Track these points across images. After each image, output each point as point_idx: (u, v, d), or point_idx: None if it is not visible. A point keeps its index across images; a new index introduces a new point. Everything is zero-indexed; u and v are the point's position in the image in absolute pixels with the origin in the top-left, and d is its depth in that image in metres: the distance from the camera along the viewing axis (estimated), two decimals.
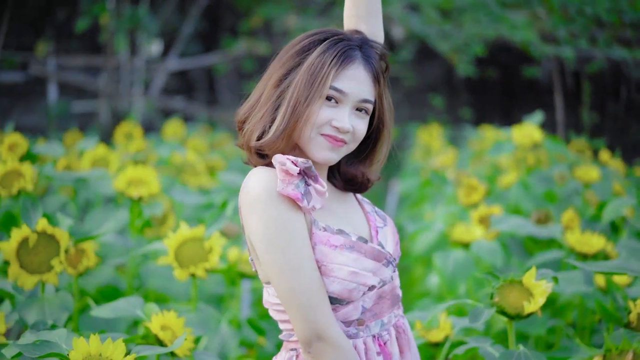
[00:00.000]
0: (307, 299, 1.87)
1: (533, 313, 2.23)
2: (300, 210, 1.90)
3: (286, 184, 1.87)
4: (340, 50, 1.98)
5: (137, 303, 2.55)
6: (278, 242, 1.87)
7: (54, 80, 11.21)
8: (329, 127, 1.96)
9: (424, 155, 7.03)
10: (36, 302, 2.72)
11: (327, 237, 1.92)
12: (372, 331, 1.98)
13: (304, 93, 1.94)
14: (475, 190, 4.14)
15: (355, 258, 1.92)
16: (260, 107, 2.00)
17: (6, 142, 4.34)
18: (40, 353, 1.94)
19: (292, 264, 1.87)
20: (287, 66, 1.99)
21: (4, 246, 2.71)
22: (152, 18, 10.77)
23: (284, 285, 1.88)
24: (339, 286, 1.90)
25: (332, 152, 1.98)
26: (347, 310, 1.94)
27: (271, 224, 1.87)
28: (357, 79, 1.98)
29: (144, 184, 3.77)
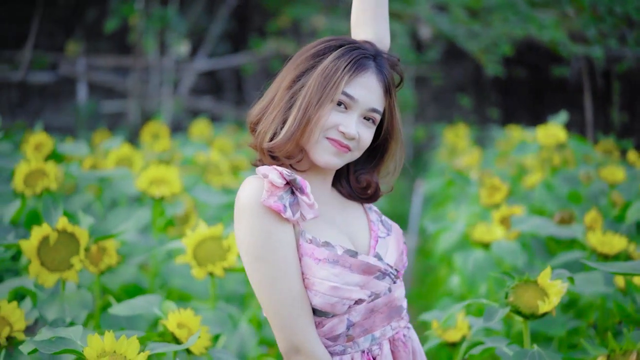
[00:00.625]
0: (287, 312, 1.87)
1: (548, 313, 2.22)
2: (287, 222, 1.90)
3: (269, 195, 1.87)
4: (355, 57, 1.98)
5: (154, 301, 2.57)
6: (260, 253, 1.88)
7: (83, 81, 11.31)
8: (336, 131, 1.97)
9: (450, 155, 7.01)
10: (56, 300, 2.75)
11: (312, 249, 1.91)
12: (360, 347, 1.96)
13: (316, 96, 1.94)
14: (497, 190, 4.12)
15: (337, 273, 1.90)
16: (272, 108, 2.01)
17: (32, 142, 4.39)
18: (55, 349, 1.96)
19: (273, 275, 1.87)
20: (301, 69, 2.00)
21: (25, 244, 2.75)
22: (180, 18, 10.83)
23: (265, 297, 1.89)
24: (321, 300, 1.89)
25: (336, 156, 1.98)
26: (333, 324, 1.93)
27: (255, 234, 1.88)
28: (369, 87, 1.99)
29: (166, 184, 3.80)
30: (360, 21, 2.20)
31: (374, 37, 2.17)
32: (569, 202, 4.44)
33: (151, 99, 11.36)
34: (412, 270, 7.05)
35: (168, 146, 5.74)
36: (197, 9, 11.61)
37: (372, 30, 2.18)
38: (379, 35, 2.20)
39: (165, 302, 2.58)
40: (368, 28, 2.19)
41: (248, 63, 11.61)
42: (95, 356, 1.94)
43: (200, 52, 11.72)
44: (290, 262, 1.88)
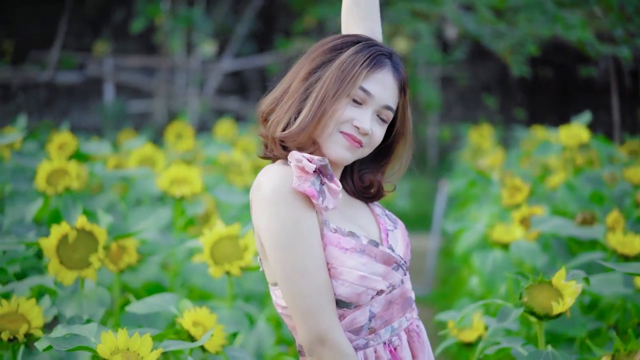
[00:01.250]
0: (312, 302, 1.85)
1: (562, 314, 2.21)
2: (313, 209, 1.89)
3: (302, 180, 1.86)
4: (373, 53, 1.98)
5: (171, 299, 2.59)
6: (288, 241, 1.86)
7: (110, 81, 11.40)
8: (350, 125, 1.96)
9: (474, 155, 7.00)
10: (75, 297, 2.78)
11: (338, 239, 1.91)
12: (382, 338, 1.96)
13: (332, 88, 1.94)
14: (519, 190, 4.11)
15: (365, 262, 1.90)
16: (287, 99, 2.00)
17: (56, 142, 4.44)
18: (69, 346, 1.98)
19: (300, 264, 1.86)
20: (318, 61, 1.99)
21: (44, 243, 2.78)
22: (206, 19, 10.88)
23: (290, 286, 1.87)
24: (348, 289, 1.88)
25: (348, 151, 1.97)
26: (355, 316, 1.93)
27: (282, 222, 1.86)
28: (385, 84, 1.98)
29: (187, 183, 3.82)
30: (352, 17, 2.19)
31: (369, 32, 2.16)
32: (591, 202, 4.41)
33: (177, 99, 11.42)
34: (435, 271, 7.03)
35: (191, 146, 5.76)
36: (223, 10, 11.66)
37: (365, 26, 2.18)
38: (374, 30, 2.19)
39: (182, 301, 2.59)
40: (361, 23, 2.18)
41: (273, 63, 11.63)
42: (109, 353, 1.96)
43: (226, 52, 11.77)
44: (317, 251, 1.87)
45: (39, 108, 11.59)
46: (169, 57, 11.31)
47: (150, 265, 3.96)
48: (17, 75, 11.11)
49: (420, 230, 8.48)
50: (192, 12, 10.52)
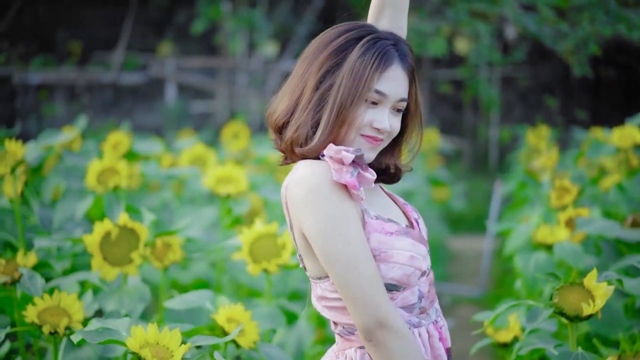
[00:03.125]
0: (370, 288, 1.87)
1: (593, 315, 2.20)
2: (352, 200, 1.91)
3: (342, 172, 1.88)
4: (380, 51, 1.97)
5: (206, 296, 2.64)
6: (337, 231, 1.88)
7: (172, 81, 11.57)
8: (370, 128, 1.97)
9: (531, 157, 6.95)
10: (116, 293, 2.86)
11: (381, 224, 1.94)
12: (431, 318, 2.01)
13: (348, 97, 1.94)
14: (567, 192, 4.06)
15: (411, 242, 1.94)
16: (301, 110, 2.00)
17: (110, 141, 4.54)
18: (101, 339, 2.04)
19: (352, 253, 1.88)
20: (326, 67, 1.98)
21: (88, 239, 2.85)
22: (267, 20, 10.97)
23: (345, 276, 1.88)
24: (399, 271, 1.92)
25: (371, 151, 2.00)
26: (405, 296, 1.96)
27: (327, 215, 1.88)
28: (396, 79, 1.98)
29: (232, 182, 3.88)
30: (380, 8, 2.17)
31: (393, 26, 2.14)
32: None
33: (238, 99, 11.55)
34: (490, 273, 6.99)
35: (244, 146, 5.83)
36: (284, 11, 11.75)
37: (392, 18, 2.14)
38: (399, 24, 2.16)
39: (218, 297, 2.64)
40: (389, 15, 2.14)
41: None
42: (138, 347, 2.02)
43: (286, 52, 11.85)
44: (363, 239, 1.90)
45: (104, 108, 11.83)
46: (230, 57, 11.44)
47: (199, 262, 4.03)
48: (82, 76, 11.36)
49: (477, 231, 8.44)
50: (253, 14, 10.63)
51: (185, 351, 2.04)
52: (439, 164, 9.36)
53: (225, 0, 11.03)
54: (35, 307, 2.55)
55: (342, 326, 2.02)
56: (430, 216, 7.25)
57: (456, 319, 5.84)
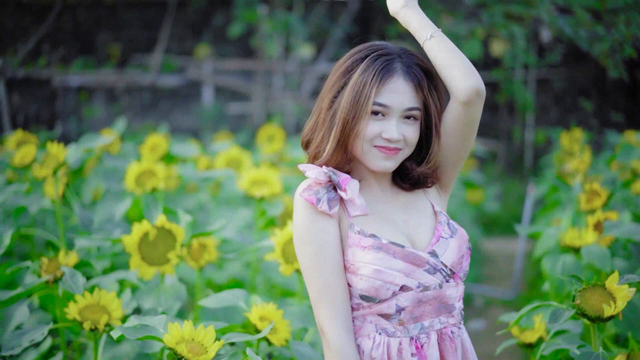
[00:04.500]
0: (316, 295, 2.07)
1: (614, 317, 2.26)
2: (326, 216, 2.07)
3: (305, 190, 2.08)
4: (379, 66, 2.09)
5: (240, 295, 2.73)
6: (303, 238, 2.08)
7: (209, 83, 11.71)
8: (380, 139, 2.09)
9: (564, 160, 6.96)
10: (154, 291, 2.97)
11: (359, 239, 2.07)
12: (410, 333, 2.08)
13: (350, 112, 2.08)
14: (597, 195, 4.09)
15: (380, 257, 2.05)
16: (319, 129, 2.16)
17: (148, 143, 4.66)
18: (139, 335, 2.15)
19: (309, 262, 2.07)
20: (336, 88, 2.14)
21: (127, 240, 2.97)
22: (303, 23, 11.08)
23: (304, 277, 2.11)
24: (366, 283, 2.04)
25: (387, 160, 2.11)
26: (381, 307, 2.07)
27: (300, 221, 2.09)
28: (398, 91, 2.09)
29: (266, 184, 3.98)
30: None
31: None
32: None
33: (274, 101, 11.66)
34: (523, 275, 7.02)
35: (278, 148, 5.93)
36: (320, 14, 11.84)
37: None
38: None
39: (251, 296, 2.74)
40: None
41: None
42: (174, 343, 2.12)
43: (322, 55, 11.94)
44: (325, 252, 2.06)
45: (142, 110, 12.01)
46: (266, 60, 11.56)
47: (234, 262, 4.13)
48: (121, 79, 11.54)
49: (510, 233, 8.46)
50: (290, 17, 10.74)
51: (219, 348, 2.14)
52: (473, 167, 9.40)
53: (261, 4, 11.15)
54: (77, 305, 2.67)
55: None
56: (464, 218, 7.29)
57: (488, 320, 5.89)
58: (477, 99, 2.11)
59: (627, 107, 10.68)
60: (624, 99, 10.81)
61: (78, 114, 11.73)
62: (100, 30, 12.37)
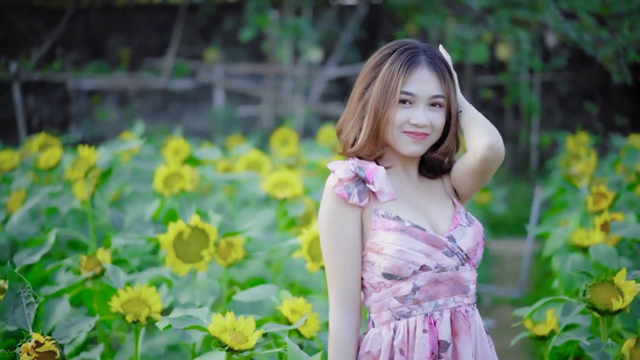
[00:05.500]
0: (330, 280, 2.29)
1: (622, 310, 2.45)
2: (352, 207, 2.26)
3: (336, 185, 2.26)
4: (405, 58, 2.31)
5: (272, 290, 2.92)
6: (326, 228, 2.29)
7: (220, 87, 11.91)
8: (408, 125, 2.30)
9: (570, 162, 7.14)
10: (188, 287, 3.16)
11: (383, 222, 2.26)
12: (424, 310, 2.26)
13: (381, 101, 2.29)
14: (604, 197, 4.27)
15: (403, 239, 2.24)
16: (349, 119, 2.38)
17: (171, 147, 4.85)
18: (186, 325, 2.33)
19: (328, 247, 2.28)
20: (367, 80, 2.35)
21: (163, 238, 3.16)
22: (312, 28, 11.27)
23: (324, 263, 2.32)
24: (389, 262, 2.22)
25: (416, 145, 2.31)
26: (400, 286, 2.25)
27: (326, 211, 2.29)
28: (423, 80, 2.30)
29: (289, 186, 4.18)
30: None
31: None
32: None
33: (283, 104, 11.86)
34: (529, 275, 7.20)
35: (294, 151, 6.13)
36: (329, 19, 12.03)
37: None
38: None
39: (281, 291, 2.92)
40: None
41: None
42: (219, 332, 2.30)
43: (331, 59, 12.13)
44: (344, 243, 2.26)
45: (153, 113, 12.20)
46: (276, 64, 11.76)
47: (255, 261, 4.32)
48: (133, 82, 11.74)
49: (517, 234, 8.65)
50: (299, 22, 10.94)
51: (258, 337, 2.33)
52: None
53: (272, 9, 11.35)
54: (119, 299, 2.86)
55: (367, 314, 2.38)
56: None
57: (496, 319, 6.06)
58: (491, 155, 2.29)
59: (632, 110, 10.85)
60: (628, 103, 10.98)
61: (91, 117, 11.94)
62: (111, 34, 12.56)
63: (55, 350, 2.29)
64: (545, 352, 3.03)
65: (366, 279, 2.29)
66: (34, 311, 2.39)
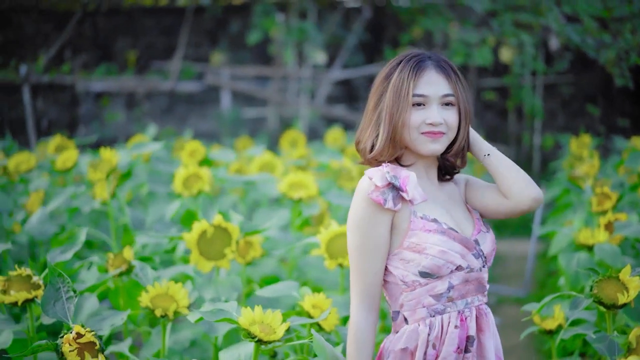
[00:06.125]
0: (355, 277, 2.41)
1: (627, 304, 2.59)
2: (383, 212, 2.39)
3: (373, 191, 2.38)
4: (413, 64, 2.45)
5: (293, 286, 3.07)
6: (358, 228, 2.40)
7: (227, 89, 12.06)
8: (425, 125, 2.43)
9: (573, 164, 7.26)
10: (212, 283, 3.31)
11: (423, 223, 2.40)
12: (457, 307, 2.42)
13: (394, 106, 2.43)
14: (608, 198, 4.40)
15: (444, 240, 2.38)
16: (365, 129, 2.52)
17: (187, 149, 5.00)
18: (217, 318, 2.47)
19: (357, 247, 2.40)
20: (379, 92, 2.49)
21: (187, 236, 3.31)
22: (318, 31, 11.43)
23: (350, 260, 2.44)
24: (430, 262, 2.36)
25: (434, 143, 2.45)
26: (436, 284, 2.39)
27: (359, 214, 2.41)
28: (432, 81, 2.45)
29: (303, 187, 4.33)
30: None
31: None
32: None
33: (289, 106, 12.02)
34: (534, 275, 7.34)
35: (304, 153, 6.28)
36: (334, 22, 12.18)
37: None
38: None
39: (302, 288, 3.07)
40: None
41: None
42: (248, 324, 2.45)
43: (335, 62, 12.28)
44: (373, 244, 2.39)
45: (160, 115, 12.35)
46: (282, 67, 11.91)
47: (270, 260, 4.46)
48: (141, 85, 11.90)
49: (521, 235, 8.80)
50: (306, 25, 11.09)
51: (285, 328, 2.47)
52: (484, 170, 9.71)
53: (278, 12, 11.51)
54: (148, 294, 3.00)
55: (391, 310, 2.50)
56: None
57: (501, 317, 6.20)
58: (536, 206, 2.46)
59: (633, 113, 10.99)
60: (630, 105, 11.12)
61: (99, 119, 12.09)
62: (118, 37, 12.70)
63: (95, 341, 2.43)
64: (553, 346, 3.18)
65: (399, 276, 2.41)
66: (74, 305, 2.54)
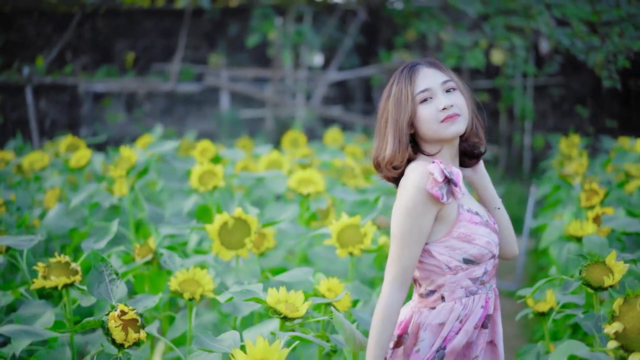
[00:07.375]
0: (394, 258, 2.60)
1: (612, 286, 2.88)
2: (436, 204, 2.59)
3: (433, 185, 2.56)
4: (406, 71, 2.69)
5: (308, 272, 3.34)
6: (408, 214, 2.58)
7: (226, 90, 12.33)
8: (439, 113, 2.64)
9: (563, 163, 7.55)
10: (232, 270, 3.59)
11: (470, 216, 2.64)
12: (487, 289, 2.70)
13: (397, 113, 2.65)
14: (595, 194, 4.69)
15: (488, 232, 2.65)
16: (379, 145, 2.73)
17: (199, 148, 5.28)
18: (246, 297, 2.76)
19: (403, 233, 2.58)
20: (383, 102, 2.72)
21: (209, 228, 3.59)
22: (314, 34, 11.72)
23: (392, 242, 2.63)
24: (478, 251, 2.62)
25: (454, 125, 2.65)
26: (475, 269, 2.64)
27: (402, 206, 2.60)
28: (428, 75, 2.66)
29: (311, 183, 4.61)
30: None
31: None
32: None
33: (286, 107, 12.30)
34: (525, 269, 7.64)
35: (307, 152, 6.58)
36: (330, 25, 12.47)
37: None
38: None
39: (316, 273, 3.35)
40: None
41: (376, 74, 12.41)
42: (275, 303, 2.73)
43: (331, 64, 12.56)
44: (415, 233, 2.59)
45: (159, 115, 12.61)
46: (279, 68, 12.19)
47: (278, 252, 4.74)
48: (142, 86, 12.16)
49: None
50: (303, 28, 11.38)
51: (308, 307, 2.76)
52: None
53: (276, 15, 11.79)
54: (177, 279, 3.28)
55: (424, 288, 2.72)
56: None
57: None
58: (512, 259, 2.92)
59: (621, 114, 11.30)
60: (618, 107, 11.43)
61: (101, 119, 12.34)
62: (118, 39, 12.95)
63: (137, 318, 2.70)
64: (545, 327, 3.47)
65: (443, 261, 2.62)
66: (117, 286, 2.81)
